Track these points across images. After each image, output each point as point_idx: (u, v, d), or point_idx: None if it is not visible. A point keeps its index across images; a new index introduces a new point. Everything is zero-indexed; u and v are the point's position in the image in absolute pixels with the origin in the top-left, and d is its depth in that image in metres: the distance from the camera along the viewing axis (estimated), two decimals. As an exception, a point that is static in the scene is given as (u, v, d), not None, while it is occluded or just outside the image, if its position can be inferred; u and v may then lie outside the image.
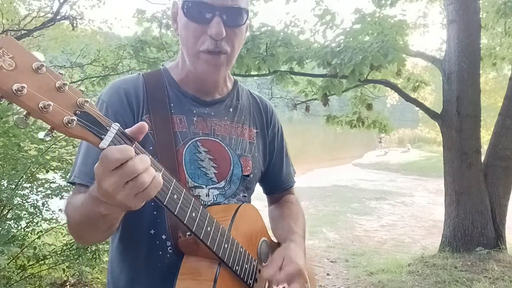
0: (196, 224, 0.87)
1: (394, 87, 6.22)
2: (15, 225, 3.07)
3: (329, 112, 7.90)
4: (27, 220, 3.15)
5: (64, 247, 3.36)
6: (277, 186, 1.29)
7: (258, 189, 1.30)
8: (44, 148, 3.12)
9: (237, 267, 0.98)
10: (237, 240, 1.00)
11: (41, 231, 3.27)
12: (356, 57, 5.09)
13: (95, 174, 0.71)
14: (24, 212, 3.09)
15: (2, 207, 3.01)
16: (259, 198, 1.32)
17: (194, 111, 1.08)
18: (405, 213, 9.66)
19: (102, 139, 0.70)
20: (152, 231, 1.02)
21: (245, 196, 1.14)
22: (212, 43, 0.97)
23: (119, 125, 0.73)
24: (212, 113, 1.10)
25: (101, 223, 0.84)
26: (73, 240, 3.33)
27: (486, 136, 8.30)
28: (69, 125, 0.65)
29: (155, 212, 1.01)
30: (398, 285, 4.40)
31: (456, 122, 5.23)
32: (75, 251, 3.28)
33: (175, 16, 1.05)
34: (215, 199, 1.06)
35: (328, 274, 5.03)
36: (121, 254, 1.08)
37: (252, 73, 6.17)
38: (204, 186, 1.05)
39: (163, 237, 1.01)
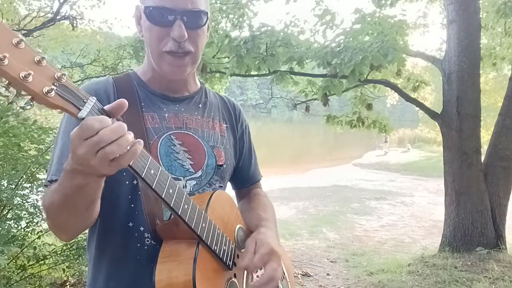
0: (173, 200, 0.88)
1: (394, 87, 6.22)
2: (15, 225, 3.07)
3: (329, 112, 7.90)
4: (27, 220, 3.15)
5: (64, 247, 3.36)
6: (247, 180, 1.34)
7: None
8: (44, 148, 3.12)
9: (215, 247, 0.99)
10: (214, 222, 1.02)
11: (41, 231, 3.27)
12: (356, 57, 5.09)
13: (71, 141, 0.75)
14: (24, 212, 3.09)
15: (2, 207, 3.01)
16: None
17: (165, 109, 1.12)
18: (405, 213, 9.67)
19: (80, 110, 0.73)
20: (131, 224, 1.03)
21: (221, 186, 1.18)
22: (175, 44, 1.03)
23: (96, 98, 0.76)
24: (183, 109, 1.15)
25: (80, 198, 0.85)
26: (73, 240, 3.33)
27: (486, 136, 8.29)
28: (48, 94, 0.68)
29: (132, 205, 1.03)
30: (398, 285, 4.40)
31: (456, 122, 5.23)
32: (75, 251, 3.28)
33: (139, 20, 1.10)
34: (192, 190, 1.09)
35: (328, 274, 5.03)
36: (99, 252, 1.08)
37: (252, 73, 6.17)
38: (181, 177, 1.08)
39: (141, 228, 1.03)
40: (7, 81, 0.66)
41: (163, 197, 0.86)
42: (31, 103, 0.68)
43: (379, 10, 6.69)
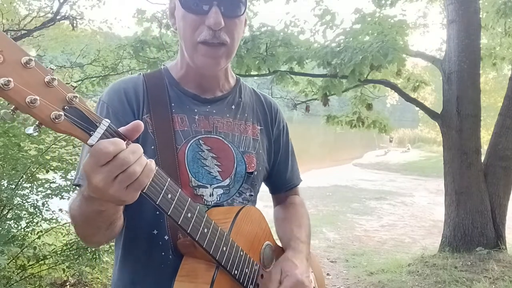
0: (191, 225, 0.85)
1: (394, 87, 6.22)
2: (15, 225, 3.07)
3: (329, 112, 7.90)
4: (27, 220, 3.15)
5: (64, 247, 3.35)
6: (282, 185, 1.27)
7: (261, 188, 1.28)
8: (44, 148, 3.12)
9: (236, 271, 0.95)
10: (238, 243, 0.97)
11: (41, 231, 3.27)
12: (356, 57, 5.09)
13: (84, 171, 0.70)
14: (24, 212, 3.09)
15: (2, 207, 3.01)
16: (259, 198, 1.30)
17: (195, 110, 1.06)
18: (405, 213, 9.66)
19: (91, 135, 0.68)
20: (155, 232, 1.01)
21: (252, 195, 1.12)
22: (210, 33, 0.96)
23: (109, 121, 0.71)
24: (214, 111, 1.09)
25: (100, 221, 0.83)
26: (73, 240, 3.33)
27: (486, 136, 8.30)
28: (56, 120, 0.64)
29: (157, 212, 0.99)
30: (398, 285, 4.40)
31: (456, 122, 5.23)
32: (75, 251, 3.28)
33: (173, 11, 1.04)
34: (218, 199, 1.04)
35: (328, 274, 5.03)
36: (124, 258, 1.06)
37: (252, 73, 6.17)
38: (208, 185, 1.03)
39: (166, 237, 1.00)
40: (13, 106, 0.62)
41: (179, 223, 0.83)
42: (38, 129, 0.65)
43: (379, 10, 6.69)
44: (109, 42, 8.89)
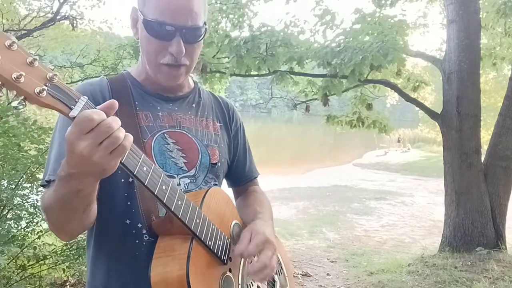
0: (167, 196, 0.90)
1: (394, 87, 6.23)
2: (15, 225, 3.07)
3: (329, 112, 7.90)
4: (27, 220, 3.15)
5: (64, 247, 3.36)
6: (243, 177, 1.36)
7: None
8: (44, 148, 3.12)
9: (210, 242, 1.01)
10: (209, 218, 1.03)
11: (41, 231, 3.27)
12: (356, 57, 5.09)
13: (67, 141, 0.75)
14: (24, 212, 3.09)
15: (2, 207, 3.01)
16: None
17: (159, 107, 1.14)
18: (405, 213, 9.66)
19: (71, 110, 0.74)
20: (128, 221, 1.05)
21: (216, 184, 1.20)
22: (172, 59, 1.05)
23: (87, 98, 0.77)
24: (176, 108, 1.17)
25: (76, 202, 0.86)
26: (73, 240, 3.33)
27: (486, 136, 8.29)
28: (40, 94, 0.70)
29: (128, 202, 1.04)
30: (398, 285, 4.41)
31: (456, 122, 5.23)
32: (75, 251, 3.28)
33: (135, 23, 1.11)
34: (186, 187, 1.11)
35: (328, 274, 5.03)
36: (98, 250, 1.09)
37: (252, 73, 6.18)
38: (175, 175, 1.09)
39: (139, 225, 1.04)
40: (0, 82, 0.67)
41: (155, 193, 0.88)
42: (24, 103, 0.70)
43: (379, 10, 6.69)
44: (109, 42, 8.89)
